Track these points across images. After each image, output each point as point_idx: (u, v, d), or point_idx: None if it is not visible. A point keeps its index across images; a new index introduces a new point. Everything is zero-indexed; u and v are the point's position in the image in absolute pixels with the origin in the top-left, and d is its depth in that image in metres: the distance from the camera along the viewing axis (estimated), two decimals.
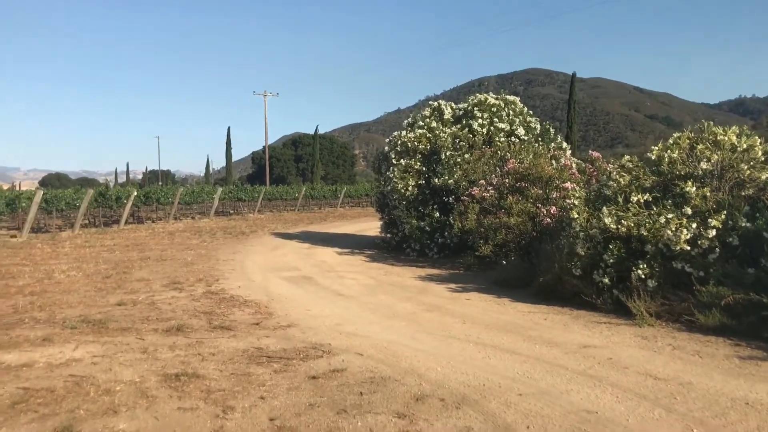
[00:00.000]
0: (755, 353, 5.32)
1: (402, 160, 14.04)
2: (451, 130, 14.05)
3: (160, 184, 58.97)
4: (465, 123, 14.20)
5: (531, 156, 11.55)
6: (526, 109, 14.93)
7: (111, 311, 7.41)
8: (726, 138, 7.35)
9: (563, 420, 3.87)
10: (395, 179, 13.80)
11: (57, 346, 5.70)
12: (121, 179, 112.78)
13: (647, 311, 6.57)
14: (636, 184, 7.61)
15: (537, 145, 13.28)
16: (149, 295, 8.51)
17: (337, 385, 4.57)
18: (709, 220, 6.59)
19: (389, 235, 14.98)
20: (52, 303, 7.89)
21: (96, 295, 8.50)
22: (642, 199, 7.19)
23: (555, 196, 10.57)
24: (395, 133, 14.93)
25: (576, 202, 8.15)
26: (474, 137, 13.74)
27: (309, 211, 34.83)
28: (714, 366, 5.00)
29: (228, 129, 70.58)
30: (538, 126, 14.59)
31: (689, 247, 6.59)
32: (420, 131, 14.20)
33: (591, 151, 12.68)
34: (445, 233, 12.99)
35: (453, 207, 12.39)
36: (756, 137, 7.42)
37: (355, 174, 79.48)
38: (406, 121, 15.40)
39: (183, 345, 5.76)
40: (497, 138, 13.66)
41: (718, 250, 6.50)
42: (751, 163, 7.30)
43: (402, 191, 13.67)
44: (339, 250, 15.01)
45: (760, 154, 7.32)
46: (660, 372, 4.85)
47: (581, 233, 7.47)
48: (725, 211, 6.65)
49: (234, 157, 74.19)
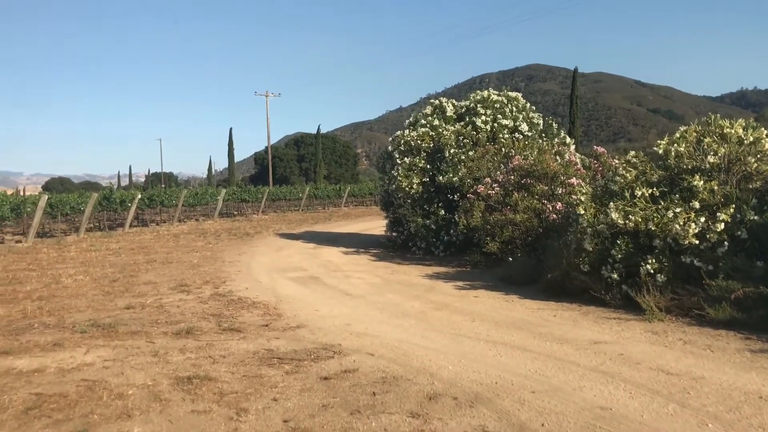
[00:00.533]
0: (766, 346, 5.30)
1: (406, 158, 14.03)
2: (455, 127, 14.03)
3: (162, 186, 58.99)
4: (468, 120, 14.17)
5: (536, 152, 11.54)
6: (529, 105, 14.89)
7: (120, 315, 7.42)
8: (733, 131, 7.33)
9: (578, 417, 3.86)
10: (400, 177, 13.79)
11: (68, 350, 5.71)
12: (124, 182, 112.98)
13: (657, 306, 6.56)
14: (642, 178, 7.59)
15: (541, 141, 13.24)
16: (157, 298, 8.53)
17: (350, 386, 4.57)
18: (718, 213, 6.57)
19: (395, 234, 14.98)
20: (60, 308, 7.91)
21: (104, 299, 8.51)
22: (649, 194, 7.18)
23: (560, 192, 10.57)
24: (398, 133, 14.94)
25: (583, 197, 8.14)
26: (478, 134, 13.72)
27: (313, 211, 34.81)
28: (726, 360, 5.00)
29: (230, 130, 70.55)
30: (541, 122, 14.56)
31: (698, 241, 6.59)
32: (423, 129, 14.19)
33: (596, 147, 12.65)
34: (451, 231, 12.99)
35: (458, 204, 12.39)
36: (762, 130, 7.39)
37: (358, 173, 79.34)
38: (407, 121, 15.42)
39: (193, 348, 5.76)
40: (501, 135, 13.62)
41: (726, 243, 6.49)
42: (758, 156, 7.29)
43: (407, 189, 13.66)
44: (345, 249, 15.02)
45: (767, 146, 7.29)
46: (672, 367, 4.84)
47: (589, 229, 7.46)
48: (733, 205, 6.64)
49: (236, 158, 74.21)
